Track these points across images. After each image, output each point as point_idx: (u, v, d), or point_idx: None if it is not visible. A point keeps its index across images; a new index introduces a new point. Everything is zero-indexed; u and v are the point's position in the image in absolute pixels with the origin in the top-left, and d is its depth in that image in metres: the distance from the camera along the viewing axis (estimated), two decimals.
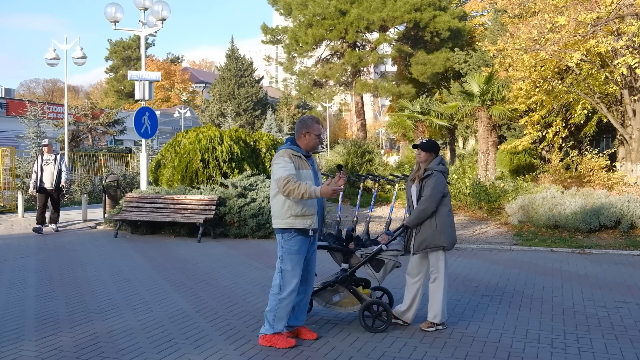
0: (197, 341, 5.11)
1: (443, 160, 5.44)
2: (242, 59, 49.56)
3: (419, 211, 5.25)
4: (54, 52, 20.36)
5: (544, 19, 15.08)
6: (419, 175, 5.37)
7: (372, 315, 5.34)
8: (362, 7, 34.30)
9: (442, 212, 5.26)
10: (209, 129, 13.56)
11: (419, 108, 23.39)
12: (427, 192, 5.22)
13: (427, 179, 5.27)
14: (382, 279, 5.46)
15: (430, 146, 5.39)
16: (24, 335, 5.33)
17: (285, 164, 4.81)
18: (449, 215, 5.31)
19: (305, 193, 4.64)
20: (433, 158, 5.37)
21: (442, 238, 5.22)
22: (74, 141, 30.88)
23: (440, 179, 5.26)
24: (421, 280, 5.42)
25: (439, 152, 5.46)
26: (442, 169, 5.32)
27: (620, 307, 6.11)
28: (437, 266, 5.30)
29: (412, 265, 5.45)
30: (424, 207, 5.21)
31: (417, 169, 5.45)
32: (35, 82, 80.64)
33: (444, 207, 5.27)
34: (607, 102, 17.47)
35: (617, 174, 16.56)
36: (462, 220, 13.25)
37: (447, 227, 5.25)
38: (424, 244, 5.25)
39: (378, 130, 73.47)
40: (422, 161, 5.38)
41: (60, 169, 12.54)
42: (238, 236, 11.47)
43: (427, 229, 5.24)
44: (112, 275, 8.04)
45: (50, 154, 12.66)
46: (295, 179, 4.72)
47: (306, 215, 4.85)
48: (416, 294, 5.40)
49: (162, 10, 13.78)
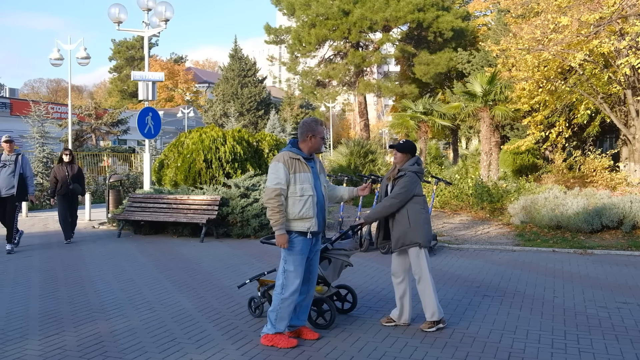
0: (200, 341, 5.14)
1: (419, 160, 5.52)
2: (245, 59, 49.61)
3: (382, 206, 5.37)
4: (58, 52, 20.45)
5: (547, 19, 15.07)
6: (393, 175, 5.46)
7: (317, 311, 5.45)
8: (365, 7, 34.31)
9: (414, 209, 5.31)
10: (212, 129, 13.59)
11: (422, 108, 23.38)
12: (396, 190, 5.32)
13: (400, 179, 5.35)
14: (333, 277, 5.51)
15: (405, 147, 5.47)
16: (27, 334, 5.37)
17: (277, 173, 4.88)
18: (422, 212, 5.36)
19: (272, 220, 4.85)
20: (409, 159, 5.44)
21: (415, 235, 5.27)
22: (78, 141, 31.00)
23: (413, 179, 5.33)
24: (405, 280, 5.48)
25: (415, 153, 5.54)
26: (416, 169, 5.39)
27: (622, 307, 6.12)
28: (419, 265, 5.34)
29: (394, 265, 5.54)
30: (388, 204, 5.31)
31: (393, 168, 5.55)
32: (39, 82, 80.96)
33: (416, 205, 5.33)
34: (610, 102, 17.44)
35: (620, 174, 16.54)
36: (464, 221, 13.26)
37: (421, 224, 5.30)
38: (400, 242, 5.32)
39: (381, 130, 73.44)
40: (398, 162, 5.47)
41: (23, 173, 9.99)
42: (241, 236, 11.50)
43: (401, 226, 5.31)
44: (116, 274, 8.08)
45: (10, 153, 10.02)
46: (284, 193, 4.86)
47: (304, 219, 4.89)
48: (404, 294, 5.46)
49: (165, 11, 13.83)
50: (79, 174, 11.48)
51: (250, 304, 5.89)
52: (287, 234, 4.89)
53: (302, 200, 4.88)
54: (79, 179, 11.46)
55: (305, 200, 4.88)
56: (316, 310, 5.45)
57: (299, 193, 4.88)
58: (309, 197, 4.90)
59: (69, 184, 11.20)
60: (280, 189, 4.84)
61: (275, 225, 4.85)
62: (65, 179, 11.19)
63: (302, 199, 4.88)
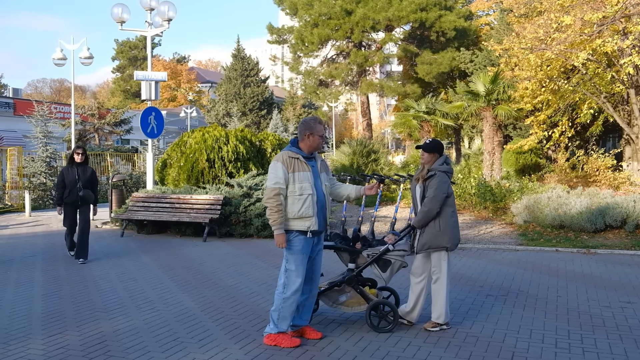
0: (202, 340, 5.14)
1: (448, 159, 5.43)
2: (248, 58, 49.54)
3: (423, 212, 5.26)
4: (61, 52, 20.49)
5: (549, 19, 15.04)
6: (422, 176, 5.37)
7: (378, 315, 5.36)
8: (367, 7, 34.29)
9: (446, 212, 5.26)
10: (215, 129, 13.60)
11: (425, 108, 23.36)
12: (431, 193, 5.23)
13: (430, 180, 5.27)
14: (389, 279, 5.47)
15: (433, 147, 5.38)
16: (31, 333, 5.38)
17: (276, 172, 4.89)
18: (452, 215, 5.31)
19: (271, 219, 4.87)
20: (437, 158, 5.36)
21: (445, 239, 5.23)
22: (81, 140, 31.01)
23: (444, 179, 5.26)
24: (425, 280, 5.43)
25: (443, 151, 5.46)
26: (446, 169, 5.32)
27: (625, 307, 6.10)
28: (440, 266, 5.31)
29: (416, 265, 5.47)
30: (428, 208, 5.22)
31: (421, 169, 5.45)
32: (43, 82, 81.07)
33: (448, 208, 5.28)
34: (613, 101, 17.40)
35: (623, 174, 16.50)
36: (467, 220, 13.24)
37: (450, 228, 5.26)
38: (427, 245, 5.27)
39: (384, 129, 73.40)
40: (426, 162, 5.38)
41: None
42: (243, 236, 11.51)
43: (431, 229, 5.25)
44: (118, 274, 8.09)
45: None
46: (283, 193, 4.86)
47: (304, 218, 4.89)
48: (420, 293, 5.41)
49: (168, 11, 13.84)
50: (92, 177, 9.34)
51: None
52: (285, 233, 4.88)
53: (302, 199, 4.87)
54: (92, 184, 9.31)
55: (304, 199, 4.88)
56: (377, 315, 5.36)
57: (298, 192, 4.87)
58: (308, 195, 4.89)
59: (78, 190, 9.10)
60: (279, 189, 4.84)
61: (274, 224, 4.85)
62: (75, 184, 9.12)
63: (302, 198, 4.87)
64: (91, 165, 22.95)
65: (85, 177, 9.17)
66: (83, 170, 9.21)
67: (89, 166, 9.42)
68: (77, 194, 9.08)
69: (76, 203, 9.16)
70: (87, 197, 9.17)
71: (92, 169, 9.42)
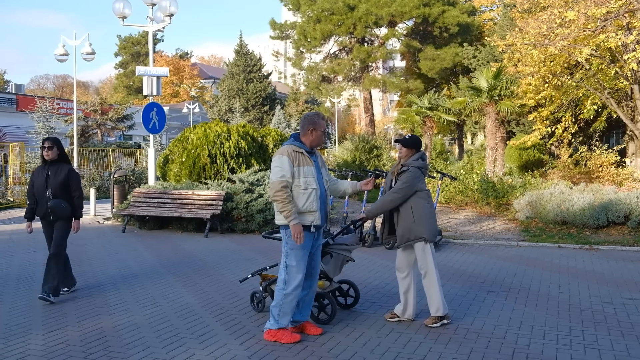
0: (203, 336, 5.13)
1: (424, 155, 5.49)
2: (250, 54, 49.52)
3: (383, 201, 5.36)
4: (63, 48, 20.48)
5: (553, 14, 14.97)
6: (397, 170, 5.43)
7: (319, 306, 5.45)
8: (370, 2, 34.19)
9: (419, 204, 5.29)
10: (217, 125, 13.58)
11: (427, 103, 23.31)
12: (398, 185, 5.30)
13: (403, 174, 5.31)
14: (334, 272, 5.47)
15: (411, 142, 5.43)
16: (31, 329, 5.37)
17: (282, 165, 4.85)
18: (426, 207, 5.33)
19: (284, 212, 4.78)
20: (413, 154, 5.42)
21: (420, 229, 5.24)
22: (83, 136, 31.08)
23: (416, 174, 5.30)
24: (410, 275, 5.44)
25: (421, 148, 5.50)
26: (420, 165, 5.36)
27: (627, 303, 6.07)
28: (425, 260, 5.30)
29: (398, 260, 5.51)
30: (390, 199, 5.29)
31: (397, 163, 5.52)
32: (46, 78, 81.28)
33: (421, 200, 5.31)
34: (617, 97, 17.32)
35: (626, 170, 16.44)
36: (469, 216, 13.22)
37: (426, 218, 5.27)
38: (405, 237, 5.30)
39: (386, 125, 73.26)
40: (403, 156, 5.45)
41: None
42: (245, 231, 11.50)
43: (405, 221, 5.28)
44: (119, 269, 8.08)
45: None
46: (290, 185, 4.81)
47: (307, 212, 4.86)
48: (408, 289, 5.42)
49: (170, 6, 13.80)
50: (67, 181, 6.46)
51: (252, 298, 5.89)
52: (288, 228, 4.85)
53: (306, 193, 4.85)
54: (67, 190, 6.47)
55: (309, 193, 4.86)
56: (317, 306, 5.44)
57: (302, 186, 4.85)
58: (312, 190, 4.87)
59: (47, 199, 6.40)
60: (287, 181, 4.80)
61: (289, 216, 4.77)
62: (44, 191, 6.43)
63: (306, 192, 4.85)
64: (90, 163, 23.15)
65: (56, 182, 6.40)
66: (55, 172, 6.44)
67: (65, 165, 6.56)
68: (46, 205, 6.42)
69: (47, 217, 6.53)
70: (56, 209, 6.37)
71: (69, 168, 6.55)
